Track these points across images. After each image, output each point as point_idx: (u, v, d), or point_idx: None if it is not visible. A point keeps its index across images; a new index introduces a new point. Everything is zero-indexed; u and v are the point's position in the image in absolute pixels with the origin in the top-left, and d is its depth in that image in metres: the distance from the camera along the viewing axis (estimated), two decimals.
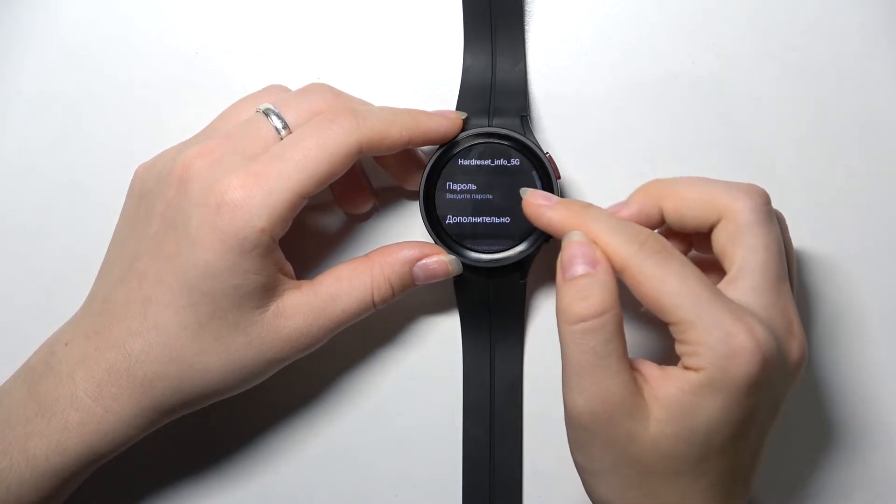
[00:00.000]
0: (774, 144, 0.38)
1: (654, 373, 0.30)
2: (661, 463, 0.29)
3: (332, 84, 0.35)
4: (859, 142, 0.38)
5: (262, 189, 0.31)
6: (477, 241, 0.36)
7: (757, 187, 0.32)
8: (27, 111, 0.39)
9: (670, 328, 0.30)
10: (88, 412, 0.32)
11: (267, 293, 0.33)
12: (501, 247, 0.36)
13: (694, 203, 0.32)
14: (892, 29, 0.38)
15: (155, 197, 0.33)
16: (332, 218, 0.39)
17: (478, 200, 0.36)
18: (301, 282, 0.34)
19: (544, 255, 0.36)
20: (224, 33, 0.39)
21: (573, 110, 0.38)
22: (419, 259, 0.35)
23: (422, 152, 0.38)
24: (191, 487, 0.39)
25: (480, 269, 0.36)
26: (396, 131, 0.33)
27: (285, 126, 0.33)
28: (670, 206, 0.33)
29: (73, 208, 0.39)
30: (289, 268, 0.34)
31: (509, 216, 0.36)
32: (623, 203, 0.34)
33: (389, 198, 0.39)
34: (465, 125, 0.36)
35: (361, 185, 0.38)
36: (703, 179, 0.33)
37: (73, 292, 0.35)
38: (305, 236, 0.38)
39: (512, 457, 0.38)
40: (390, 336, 0.39)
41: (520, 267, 0.37)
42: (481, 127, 0.36)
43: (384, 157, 0.37)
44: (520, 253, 0.36)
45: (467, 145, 0.36)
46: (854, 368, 0.39)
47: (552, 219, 0.32)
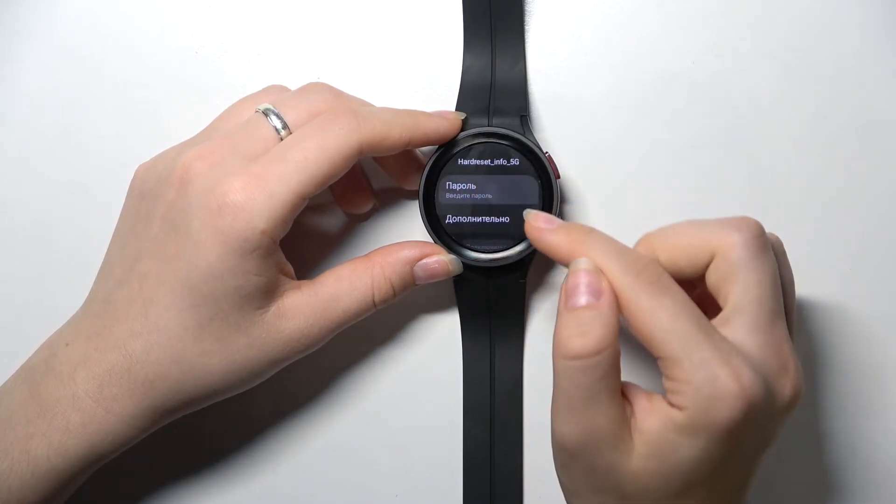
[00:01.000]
0: (774, 144, 0.38)
1: (642, 403, 0.30)
2: (642, 494, 0.29)
3: (332, 84, 0.35)
4: (859, 142, 0.38)
5: (263, 191, 0.31)
6: (477, 241, 0.36)
7: (748, 219, 0.31)
8: (27, 111, 0.39)
9: (658, 362, 0.29)
10: (89, 413, 0.32)
11: (268, 294, 0.33)
12: (501, 246, 0.36)
13: (687, 249, 0.31)
14: (892, 29, 0.38)
15: (155, 198, 0.33)
16: (332, 218, 0.39)
17: (477, 200, 0.36)
18: (302, 282, 0.34)
19: (544, 255, 0.36)
20: (224, 33, 0.39)
21: (573, 110, 0.38)
22: (419, 259, 0.35)
23: (420, 153, 0.38)
24: (191, 487, 0.39)
25: (480, 269, 0.36)
26: (396, 132, 0.33)
27: (285, 126, 0.33)
28: (665, 258, 0.32)
29: (73, 208, 0.39)
30: (289, 268, 0.34)
31: (509, 216, 0.36)
32: None
33: (389, 198, 0.39)
34: (465, 125, 0.36)
35: (361, 186, 0.38)
36: (692, 222, 0.32)
37: (74, 292, 0.35)
38: (305, 236, 0.38)
39: (512, 457, 0.38)
40: (390, 336, 0.39)
41: (519, 266, 0.37)
42: (481, 126, 0.36)
43: (383, 158, 0.37)
44: (519, 253, 0.36)
45: (467, 145, 0.36)
46: (854, 369, 0.39)
47: (551, 242, 0.32)
